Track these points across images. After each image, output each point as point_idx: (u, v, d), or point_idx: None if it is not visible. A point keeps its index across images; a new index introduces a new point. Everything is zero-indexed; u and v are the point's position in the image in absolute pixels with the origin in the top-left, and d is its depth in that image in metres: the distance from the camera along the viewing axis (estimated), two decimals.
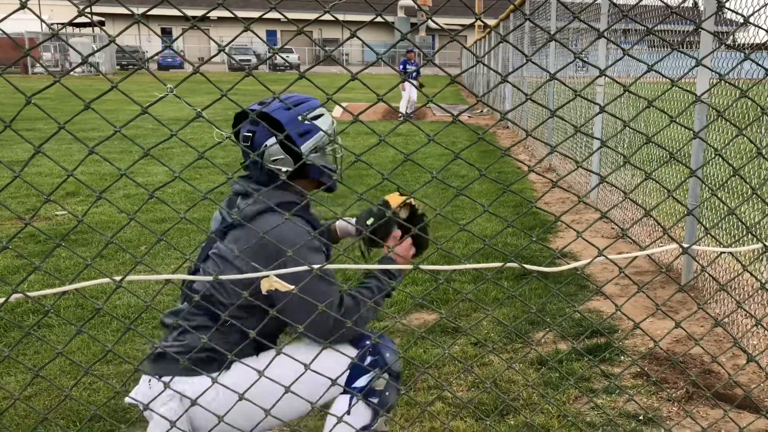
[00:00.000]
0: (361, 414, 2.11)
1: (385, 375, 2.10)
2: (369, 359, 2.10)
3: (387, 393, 2.12)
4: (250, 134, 1.99)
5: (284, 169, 1.99)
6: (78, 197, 7.44)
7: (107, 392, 3.23)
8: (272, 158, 1.98)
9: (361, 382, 2.08)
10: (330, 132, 2.07)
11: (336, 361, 1.99)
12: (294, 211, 1.34)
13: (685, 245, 1.48)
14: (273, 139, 1.98)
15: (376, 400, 2.10)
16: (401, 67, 17.51)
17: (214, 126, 1.09)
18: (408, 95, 17.23)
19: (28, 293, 1.14)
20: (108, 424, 2.90)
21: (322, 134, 2.02)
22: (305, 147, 2.01)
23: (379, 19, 1.25)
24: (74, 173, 1.00)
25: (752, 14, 1.53)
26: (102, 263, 5.11)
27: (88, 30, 41.85)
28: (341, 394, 2.10)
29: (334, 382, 1.58)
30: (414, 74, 16.84)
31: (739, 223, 4.12)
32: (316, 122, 2.04)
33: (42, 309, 4.12)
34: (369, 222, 2.19)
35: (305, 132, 2.00)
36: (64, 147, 10.82)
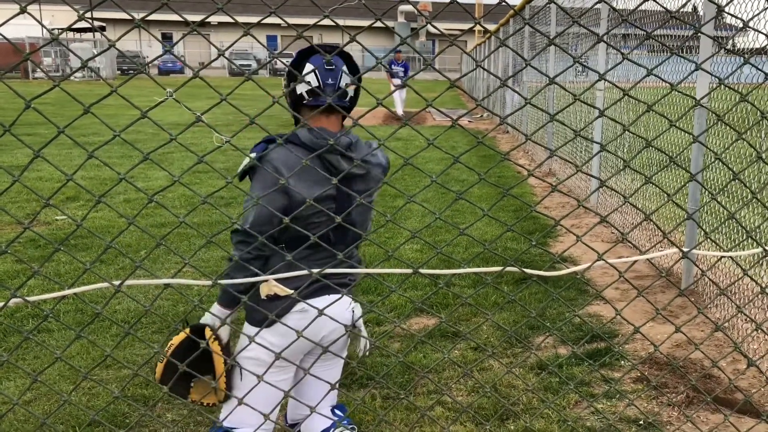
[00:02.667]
0: None
1: None
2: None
3: None
4: (333, 60, 2.23)
5: (350, 94, 2.28)
6: (78, 202, 7.44)
7: (107, 397, 3.22)
8: (345, 83, 2.24)
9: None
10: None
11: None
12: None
13: (685, 249, 1.48)
14: (345, 67, 2.23)
15: None
16: (390, 67, 17.71)
17: (213, 130, 1.09)
18: (398, 94, 17.33)
19: (27, 298, 1.14)
20: (107, 429, 2.90)
21: None
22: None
23: (379, 24, 1.25)
24: (74, 178, 1.00)
25: (751, 19, 1.54)
26: (102, 268, 5.10)
27: (89, 35, 41.94)
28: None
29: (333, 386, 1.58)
30: (401, 74, 16.98)
31: (739, 228, 4.12)
32: None
33: (41, 314, 4.12)
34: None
35: None
36: (64, 152, 10.83)
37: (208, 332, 2.17)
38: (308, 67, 2.18)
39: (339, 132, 2.20)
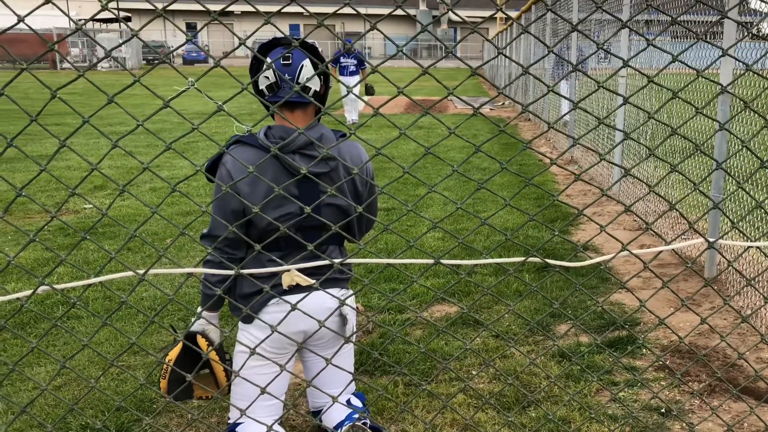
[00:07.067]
0: None
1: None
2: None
3: None
4: (289, 55, 2.14)
5: (314, 88, 2.15)
6: (106, 190, 7.54)
7: (134, 383, 3.28)
8: (306, 77, 2.12)
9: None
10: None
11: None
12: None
13: (710, 239, 1.47)
14: (308, 60, 2.12)
15: None
16: (335, 63, 13.21)
17: (235, 120, 1.11)
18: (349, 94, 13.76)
19: (56, 285, 1.16)
20: (134, 415, 2.95)
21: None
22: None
23: (400, 11, 1.25)
24: (100, 167, 1.02)
25: None
26: (129, 256, 5.17)
27: (116, 26, 42.32)
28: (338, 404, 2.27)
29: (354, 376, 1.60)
30: (351, 69, 13.03)
31: (764, 217, 4.06)
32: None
33: (70, 301, 4.19)
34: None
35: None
36: (92, 141, 10.96)
37: (201, 340, 2.23)
38: (267, 62, 2.10)
39: (304, 128, 2.14)
